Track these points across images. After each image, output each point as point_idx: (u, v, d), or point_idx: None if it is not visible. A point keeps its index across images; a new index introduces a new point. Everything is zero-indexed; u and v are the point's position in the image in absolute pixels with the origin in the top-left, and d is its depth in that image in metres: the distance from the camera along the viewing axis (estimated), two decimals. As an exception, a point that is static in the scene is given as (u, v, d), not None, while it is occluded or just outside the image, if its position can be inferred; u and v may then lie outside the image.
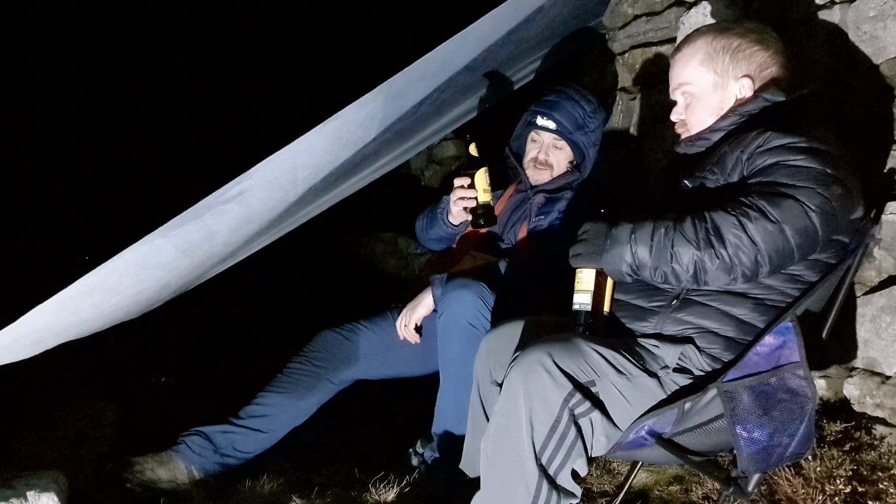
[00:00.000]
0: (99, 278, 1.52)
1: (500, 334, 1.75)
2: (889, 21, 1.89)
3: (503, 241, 2.40)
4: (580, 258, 1.59)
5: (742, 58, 1.71)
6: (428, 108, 1.90)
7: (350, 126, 1.60)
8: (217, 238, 1.72)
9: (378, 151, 1.87)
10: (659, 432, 1.49)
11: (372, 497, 1.89)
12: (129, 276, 1.63)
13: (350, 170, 1.85)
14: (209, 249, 1.77)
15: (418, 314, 2.21)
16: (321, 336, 2.37)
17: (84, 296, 1.56)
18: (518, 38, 1.95)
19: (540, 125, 2.38)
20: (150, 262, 1.63)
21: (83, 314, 1.68)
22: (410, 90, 1.67)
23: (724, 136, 1.69)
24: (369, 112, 1.60)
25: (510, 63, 2.16)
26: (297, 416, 2.26)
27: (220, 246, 1.81)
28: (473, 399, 1.79)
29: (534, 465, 1.41)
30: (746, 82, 1.70)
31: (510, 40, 1.87)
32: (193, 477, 2.09)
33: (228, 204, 1.56)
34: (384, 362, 2.35)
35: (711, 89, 1.73)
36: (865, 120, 1.91)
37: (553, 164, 2.40)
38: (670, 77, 1.80)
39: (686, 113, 1.78)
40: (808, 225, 1.43)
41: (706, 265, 1.44)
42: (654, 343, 1.55)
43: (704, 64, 1.72)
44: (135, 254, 1.51)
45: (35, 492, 1.68)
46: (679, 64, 1.77)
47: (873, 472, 1.67)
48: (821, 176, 1.46)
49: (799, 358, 1.43)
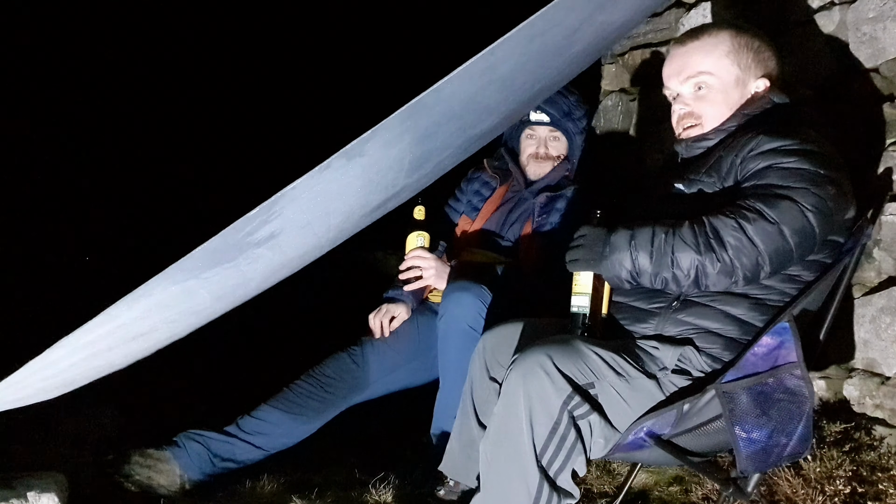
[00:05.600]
0: (132, 323, 1.45)
1: (498, 334, 1.75)
2: (888, 22, 1.90)
3: (503, 239, 2.41)
4: (578, 264, 1.57)
5: (763, 59, 1.71)
6: (454, 152, 1.83)
7: (379, 168, 1.51)
8: (251, 285, 1.68)
9: (404, 192, 1.82)
10: (658, 433, 1.49)
11: (372, 497, 1.89)
12: (163, 323, 1.58)
13: (377, 211, 1.80)
14: (243, 295, 1.72)
15: (427, 282, 2.28)
16: (334, 360, 2.36)
17: (120, 342, 1.52)
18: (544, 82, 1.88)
19: (534, 120, 2.41)
20: (184, 308, 1.56)
21: (115, 358, 1.64)
22: (438, 133, 1.58)
23: (724, 137, 1.69)
24: (398, 154, 1.51)
25: (531, 101, 2.13)
26: (298, 437, 2.26)
27: (254, 291, 1.75)
28: (465, 398, 1.78)
29: (534, 466, 1.41)
30: (763, 83, 1.70)
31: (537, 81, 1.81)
32: (187, 483, 2.09)
33: (261, 248, 1.47)
34: (392, 382, 2.37)
35: (733, 84, 1.69)
36: (864, 121, 1.91)
37: (553, 156, 2.44)
38: (681, 65, 1.72)
39: (698, 104, 1.71)
40: (805, 224, 1.43)
41: (707, 269, 1.44)
42: (654, 345, 1.55)
43: (730, 56, 1.69)
44: (167, 296, 1.43)
45: (35, 492, 1.68)
46: (699, 52, 1.70)
47: (873, 472, 1.67)
48: (814, 176, 1.46)
49: (796, 358, 1.43)
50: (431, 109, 1.41)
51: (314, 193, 1.42)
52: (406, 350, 2.37)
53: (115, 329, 1.43)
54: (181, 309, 1.56)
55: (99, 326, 1.36)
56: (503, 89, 1.63)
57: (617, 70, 2.89)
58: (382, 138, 1.38)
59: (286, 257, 1.64)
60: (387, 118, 1.32)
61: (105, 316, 1.34)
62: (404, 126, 1.40)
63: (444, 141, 1.67)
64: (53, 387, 1.61)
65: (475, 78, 1.40)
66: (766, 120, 1.65)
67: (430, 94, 1.32)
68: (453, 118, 1.57)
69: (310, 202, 1.44)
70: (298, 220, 1.48)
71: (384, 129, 1.34)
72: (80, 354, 1.45)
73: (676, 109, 1.76)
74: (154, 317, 1.51)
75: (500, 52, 1.35)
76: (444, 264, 2.30)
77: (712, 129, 1.70)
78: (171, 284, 1.38)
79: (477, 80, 1.42)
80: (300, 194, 1.37)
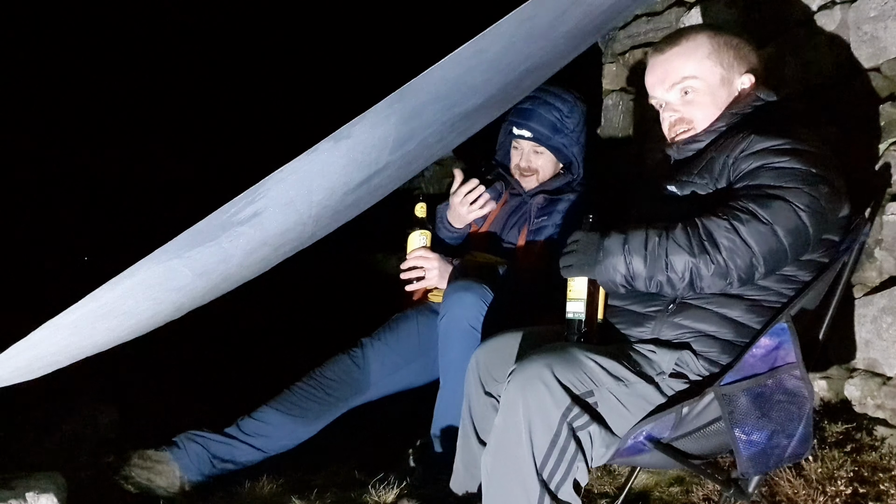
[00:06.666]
0: (115, 301, 1.48)
1: (490, 348, 1.73)
2: (889, 21, 1.89)
3: (503, 242, 2.40)
4: (572, 269, 1.56)
5: (744, 55, 1.71)
6: (439, 129, 1.84)
7: (364, 147, 1.54)
8: (233, 261, 1.69)
9: (388, 169, 1.83)
10: (657, 437, 1.49)
11: (371, 498, 1.88)
12: (147, 300, 1.60)
13: (362, 188, 1.81)
14: (225, 272, 1.74)
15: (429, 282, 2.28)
16: (335, 362, 2.36)
17: (101, 319, 1.53)
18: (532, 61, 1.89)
19: (517, 135, 2.39)
20: (167, 286, 1.59)
21: (98, 338, 1.65)
22: (423, 112, 1.60)
23: (715, 138, 1.68)
24: (382, 133, 1.54)
25: (520, 82, 2.12)
26: (298, 439, 2.26)
27: (236, 268, 1.77)
28: (464, 418, 1.77)
29: (535, 479, 1.40)
30: (748, 78, 1.70)
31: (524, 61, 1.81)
32: (187, 484, 2.08)
33: (243, 226, 1.50)
34: (392, 383, 2.37)
35: (719, 84, 1.69)
36: (865, 120, 1.90)
37: (537, 169, 2.40)
38: (664, 72, 1.73)
39: (687, 109, 1.72)
40: (798, 224, 1.42)
41: (702, 271, 1.43)
42: (651, 348, 1.54)
43: (711, 57, 1.69)
44: (150, 275, 1.46)
45: (34, 492, 1.68)
46: (679, 58, 1.71)
47: (874, 473, 1.67)
48: (807, 176, 1.45)
49: (795, 359, 1.43)
50: (419, 91, 1.43)
51: (300, 174, 1.44)
52: (407, 351, 2.37)
53: (97, 308, 1.44)
54: (163, 287, 1.58)
55: (81, 307, 1.38)
56: (489, 70, 1.64)
57: (618, 69, 2.89)
58: (370, 121, 1.40)
59: (267, 234, 1.65)
60: (376, 104, 1.34)
61: (88, 298, 1.36)
62: (392, 109, 1.42)
63: (428, 119, 1.69)
64: (36, 367, 1.62)
65: (463, 61, 1.42)
66: (756, 118, 1.64)
67: (419, 80, 1.34)
68: (439, 98, 1.59)
69: (294, 181, 1.46)
70: (282, 198, 1.51)
71: (373, 114, 1.37)
72: (62, 333, 1.46)
73: (666, 117, 1.77)
74: (137, 295, 1.53)
75: (490, 36, 1.37)
76: (446, 264, 2.29)
77: (703, 131, 1.70)
78: (154, 265, 1.41)
79: (464, 63, 1.44)
80: (286, 176, 1.40)
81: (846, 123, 1.93)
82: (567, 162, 2.42)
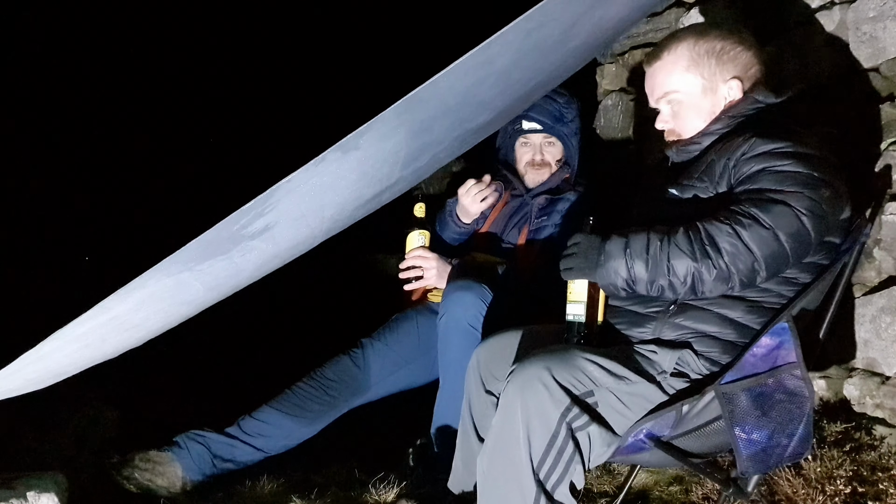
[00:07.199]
0: (125, 314, 1.46)
1: (491, 346, 1.73)
2: (888, 22, 1.90)
3: (504, 243, 2.41)
4: (572, 272, 1.55)
5: (727, 60, 1.69)
6: (450, 144, 1.83)
7: (374, 161, 1.52)
8: (243, 275, 1.69)
9: (399, 185, 1.82)
10: (657, 435, 1.49)
11: (371, 497, 1.89)
12: (157, 314, 1.59)
13: (372, 203, 1.80)
14: (235, 285, 1.74)
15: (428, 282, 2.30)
16: (335, 362, 2.37)
17: (112, 333, 1.53)
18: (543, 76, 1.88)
19: (527, 129, 2.42)
20: (177, 299, 1.58)
21: (107, 349, 1.65)
22: (434, 128, 1.58)
23: (714, 141, 1.68)
24: (393, 147, 1.51)
25: (528, 97, 2.12)
26: (298, 439, 2.26)
27: (246, 281, 1.77)
28: (464, 416, 1.77)
29: (531, 480, 1.40)
30: (735, 84, 1.68)
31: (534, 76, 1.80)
32: (188, 484, 2.09)
33: (255, 241, 1.48)
34: (392, 383, 2.38)
35: (701, 94, 1.69)
36: (864, 120, 1.91)
37: (550, 162, 2.44)
38: (651, 87, 1.75)
39: (675, 121, 1.74)
40: (800, 228, 1.42)
41: (704, 276, 1.43)
42: (652, 349, 1.54)
43: (690, 70, 1.69)
44: (161, 288, 1.44)
45: (35, 492, 1.68)
46: (661, 73, 1.72)
47: (873, 472, 1.67)
48: (808, 179, 1.45)
49: (795, 358, 1.43)
50: (427, 103, 1.40)
51: (309, 186, 1.41)
52: (407, 351, 2.38)
53: (109, 321, 1.43)
54: (174, 300, 1.57)
55: (92, 318, 1.36)
56: (499, 84, 1.62)
57: (617, 69, 2.89)
58: (378, 132, 1.38)
59: (279, 248, 1.64)
60: (382, 112, 1.32)
61: (99, 308, 1.35)
62: (400, 119, 1.39)
63: (439, 135, 1.67)
64: (46, 377, 1.62)
65: (471, 72, 1.40)
66: (756, 120, 1.64)
67: (425, 88, 1.31)
68: (449, 112, 1.57)
69: (305, 195, 1.44)
70: (293, 213, 1.48)
71: (380, 123, 1.34)
72: (72, 346, 1.46)
73: (660, 126, 1.79)
74: (147, 308, 1.51)
75: (497, 46, 1.34)
76: (445, 264, 2.29)
77: (698, 134, 1.70)
78: (164, 277, 1.39)
79: (473, 74, 1.42)
80: (295, 187, 1.37)
81: (846, 123, 1.94)
82: (568, 154, 2.45)
